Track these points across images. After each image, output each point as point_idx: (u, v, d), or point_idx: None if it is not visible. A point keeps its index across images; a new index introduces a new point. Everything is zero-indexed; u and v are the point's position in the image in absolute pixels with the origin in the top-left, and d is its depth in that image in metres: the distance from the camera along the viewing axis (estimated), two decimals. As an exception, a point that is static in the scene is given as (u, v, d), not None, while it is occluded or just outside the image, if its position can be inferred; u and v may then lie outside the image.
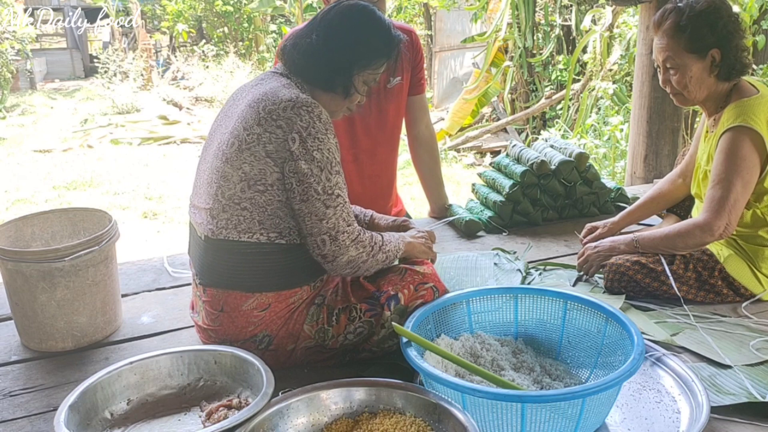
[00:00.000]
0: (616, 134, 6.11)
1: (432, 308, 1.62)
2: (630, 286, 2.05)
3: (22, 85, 14.86)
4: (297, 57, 1.64)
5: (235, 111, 1.62)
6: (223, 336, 1.63)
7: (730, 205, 1.91)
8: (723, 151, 1.94)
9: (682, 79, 2.00)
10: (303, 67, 1.64)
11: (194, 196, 1.69)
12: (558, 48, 8.16)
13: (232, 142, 1.56)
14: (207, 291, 1.64)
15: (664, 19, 1.99)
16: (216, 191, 1.57)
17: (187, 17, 15.55)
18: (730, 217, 1.92)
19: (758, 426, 1.46)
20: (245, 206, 1.55)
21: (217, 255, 1.60)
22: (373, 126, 2.53)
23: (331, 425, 1.34)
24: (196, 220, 1.65)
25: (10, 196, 6.90)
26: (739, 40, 1.97)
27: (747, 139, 1.91)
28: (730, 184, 1.91)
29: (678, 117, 3.60)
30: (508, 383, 1.39)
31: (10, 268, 1.75)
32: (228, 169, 1.56)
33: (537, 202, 2.75)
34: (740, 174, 1.91)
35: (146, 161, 8.50)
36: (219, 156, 1.59)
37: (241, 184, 1.55)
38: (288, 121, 1.52)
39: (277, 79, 1.63)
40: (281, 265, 1.60)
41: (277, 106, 1.53)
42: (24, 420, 1.53)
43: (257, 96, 1.58)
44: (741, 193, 1.92)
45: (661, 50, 2.00)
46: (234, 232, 1.56)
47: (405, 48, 2.54)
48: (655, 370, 1.63)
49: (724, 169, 1.93)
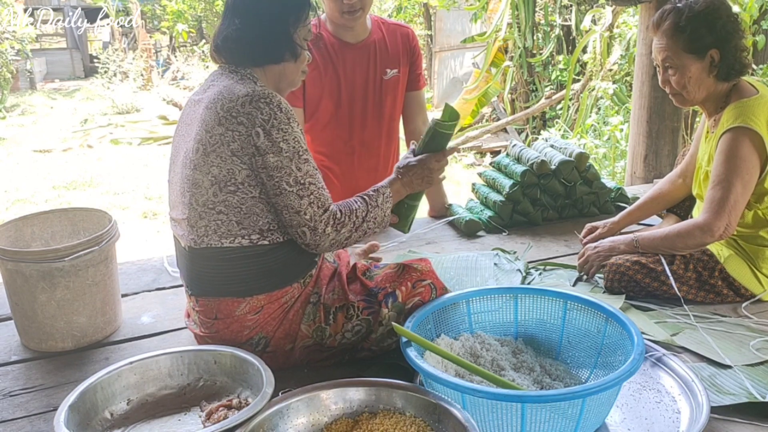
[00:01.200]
0: (616, 134, 6.10)
1: (432, 308, 1.62)
2: (630, 286, 2.05)
3: (22, 85, 14.86)
4: (233, 47, 1.63)
5: (194, 117, 1.60)
6: (219, 342, 1.62)
7: (730, 206, 1.91)
8: (723, 152, 1.94)
9: (681, 80, 2.00)
10: (243, 53, 1.63)
11: (171, 209, 1.68)
12: (558, 48, 8.16)
13: (196, 148, 1.54)
14: (199, 301, 1.63)
15: (662, 19, 2.00)
16: (190, 200, 1.56)
17: (187, 17, 15.55)
18: (730, 218, 1.92)
19: (758, 426, 1.46)
20: (220, 209, 1.54)
21: (203, 264, 1.60)
22: (370, 118, 2.56)
23: (331, 425, 1.34)
24: (178, 232, 1.65)
25: (10, 196, 6.90)
26: (738, 41, 1.97)
27: (747, 140, 1.91)
28: (730, 185, 1.91)
29: (678, 117, 3.60)
30: (508, 383, 1.39)
31: (10, 268, 1.75)
32: (197, 175, 1.54)
33: (537, 202, 2.75)
34: (740, 175, 1.91)
35: (146, 161, 8.50)
36: (187, 164, 1.57)
37: (212, 189, 1.54)
38: (248, 116, 1.51)
39: (227, 77, 1.61)
40: (268, 266, 1.59)
41: (235, 103, 1.52)
42: (24, 420, 1.53)
43: (213, 97, 1.56)
44: (741, 193, 1.92)
45: (660, 50, 2.00)
46: (215, 238, 1.55)
47: (403, 42, 2.58)
48: (655, 370, 1.63)
49: (724, 170, 1.93)
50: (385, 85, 2.54)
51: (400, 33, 2.60)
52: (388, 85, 2.55)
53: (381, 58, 2.54)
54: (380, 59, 2.53)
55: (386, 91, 2.55)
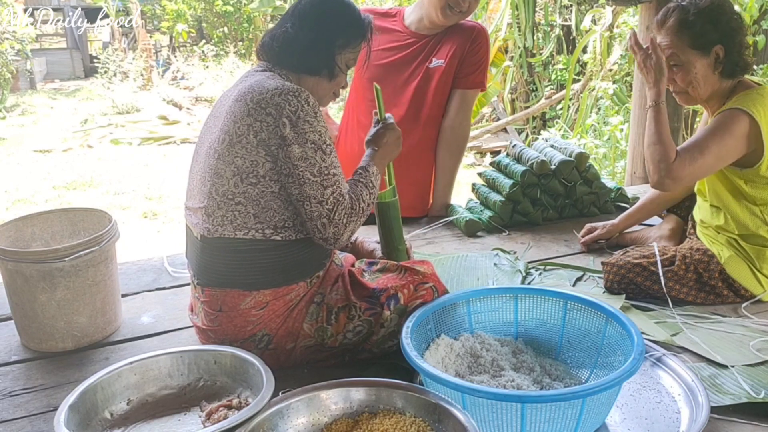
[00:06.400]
0: (616, 134, 6.11)
1: (432, 308, 1.62)
2: (630, 288, 2.05)
3: (22, 85, 14.84)
4: (276, 48, 1.68)
5: (223, 110, 1.64)
6: (222, 336, 1.63)
7: (696, 167, 1.91)
8: (714, 122, 1.95)
9: (686, 77, 2.00)
10: (284, 55, 1.68)
11: (188, 199, 1.71)
12: (558, 48, 8.16)
13: (222, 138, 1.58)
14: (205, 291, 1.64)
15: (667, 17, 2.00)
16: (210, 189, 1.59)
17: (187, 17, 15.55)
18: (686, 175, 1.91)
19: (758, 426, 1.46)
20: (239, 201, 1.56)
21: (213, 254, 1.61)
22: (409, 103, 2.58)
23: (331, 425, 1.34)
24: (192, 221, 1.66)
25: (10, 196, 6.89)
26: (742, 38, 1.98)
27: (742, 123, 1.90)
28: (707, 150, 1.91)
29: (678, 117, 3.60)
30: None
31: (10, 268, 1.75)
32: (221, 165, 1.57)
33: (537, 202, 2.75)
34: (720, 147, 1.91)
35: (146, 161, 8.49)
36: (211, 154, 1.60)
37: (234, 179, 1.56)
38: (277, 107, 1.54)
39: (260, 74, 1.66)
40: (277, 261, 1.60)
41: (265, 95, 1.55)
42: (24, 420, 1.53)
43: (243, 90, 1.60)
44: (710, 164, 1.93)
45: (666, 48, 2.00)
46: (230, 229, 1.57)
47: (455, 34, 2.58)
48: (655, 370, 1.63)
49: (708, 136, 1.92)
50: (429, 74, 2.57)
51: (465, 26, 2.60)
52: (432, 74, 2.57)
53: (432, 46, 2.58)
54: (431, 47, 2.58)
55: (429, 79, 2.57)
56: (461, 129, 2.69)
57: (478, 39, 2.58)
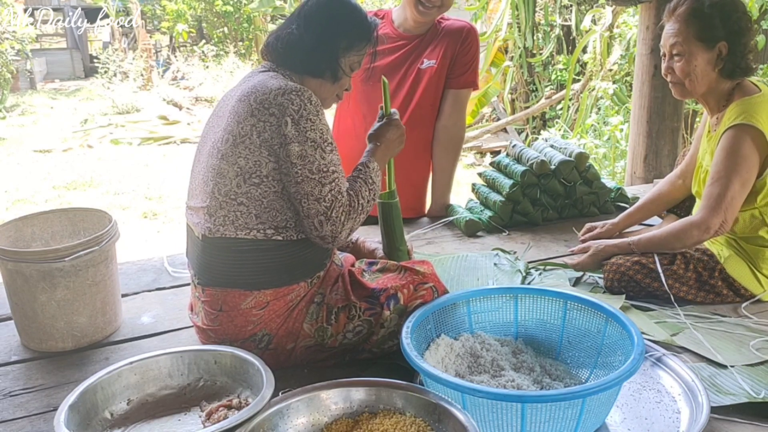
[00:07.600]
0: (616, 134, 6.11)
1: (432, 308, 1.62)
2: (630, 286, 2.05)
3: (22, 85, 14.85)
4: (281, 48, 1.68)
5: (226, 109, 1.64)
6: (222, 336, 1.63)
7: (727, 203, 1.91)
8: (724, 148, 1.94)
9: (686, 67, 2.00)
10: (288, 56, 1.68)
11: (190, 198, 1.70)
12: (558, 48, 8.16)
13: (226, 138, 1.58)
14: (206, 291, 1.64)
15: (679, 3, 2.00)
16: (212, 189, 1.59)
17: (187, 18, 15.55)
18: (727, 215, 1.92)
19: (758, 426, 1.46)
20: (241, 201, 1.56)
21: (214, 254, 1.61)
22: (401, 105, 2.57)
23: (331, 425, 1.34)
24: (193, 221, 1.66)
25: (10, 196, 6.89)
26: (748, 39, 1.98)
27: (749, 138, 1.91)
28: (729, 182, 1.91)
29: (678, 117, 3.60)
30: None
31: (10, 268, 1.75)
32: (224, 165, 1.57)
33: (537, 202, 2.75)
34: (739, 172, 1.91)
35: (146, 161, 8.49)
36: (214, 154, 1.60)
37: (236, 179, 1.56)
38: (280, 107, 1.54)
39: (264, 74, 1.66)
40: (278, 261, 1.60)
41: (268, 95, 1.55)
42: (24, 420, 1.53)
43: (246, 90, 1.60)
44: (738, 191, 1.92)
45: (671, 35, 2.00)
46: (231, 229, 1.57)
47: (446, 35, 2.58)
48: (655, 370, 1.63)
49: (723, 167, 1.93)
50: (420, 75, 2.57)
51: (455, 26, 2.60)
52: (423, 75, 2.57)
53: (423, 47, 2.58)
54: (422, 48, 2.58)
55: (420, 79, 2.57)
56: (456, 129, 2.69)
57: (469, 38, 2.59)
